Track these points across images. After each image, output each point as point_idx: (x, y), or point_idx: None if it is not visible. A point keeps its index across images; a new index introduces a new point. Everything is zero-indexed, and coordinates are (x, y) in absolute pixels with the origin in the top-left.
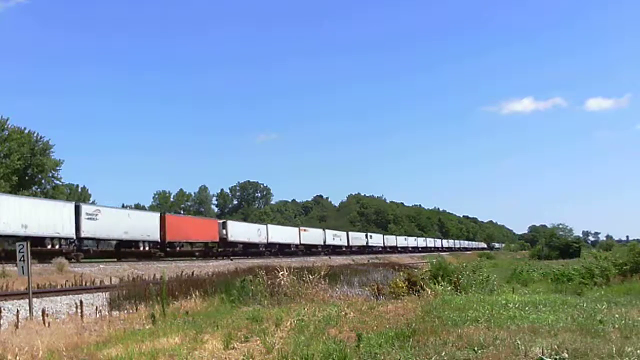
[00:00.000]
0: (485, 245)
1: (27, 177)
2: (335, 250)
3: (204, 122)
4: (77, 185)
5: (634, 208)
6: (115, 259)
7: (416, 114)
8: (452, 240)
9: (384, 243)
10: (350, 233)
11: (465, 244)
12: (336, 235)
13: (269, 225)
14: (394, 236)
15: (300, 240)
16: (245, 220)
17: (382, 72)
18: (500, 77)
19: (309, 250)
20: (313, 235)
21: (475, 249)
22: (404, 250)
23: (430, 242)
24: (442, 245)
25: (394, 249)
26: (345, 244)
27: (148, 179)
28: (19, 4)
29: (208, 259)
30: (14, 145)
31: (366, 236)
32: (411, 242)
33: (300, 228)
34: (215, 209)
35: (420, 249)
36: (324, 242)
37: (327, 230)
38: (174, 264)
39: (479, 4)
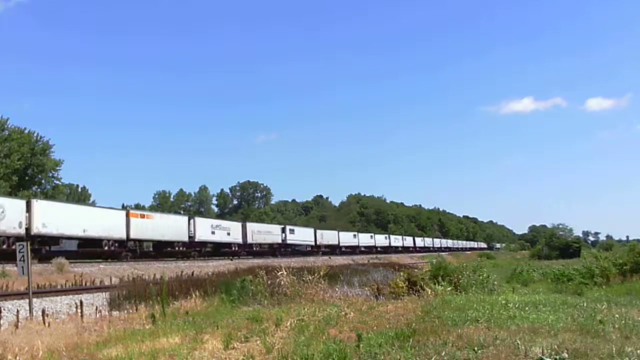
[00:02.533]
0: (485, 245)
1: (27, 177)
2: (321, 250)
3: (204, 122)
4: (77, 185)
5: (634, 208)
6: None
7: (416, 113)
8: (452, 240)
9: (374, 243)
10: (340, 233)
11: (465, 244)
12: (324, 235)
13: (248, 224)
14: (383, 235)
15: (286, 240)
16: (256, 220)
17: (382, 72)
18: (500, 77)
19: (296, 250)
20: (302, 234)
21: (475, 249)
22: (394, 250)
23: (429, 242)
24: (442, 245)
25: (387, 249)
26: (337, 243)
27: (148, 179)
28: (19, 3)
29: (183, 259)
30: (14, 145)
31: (355, 236)
32: (407, 241)
33: (287, 226)
34: (215, 209)
35: (416, 248)
36: (316, 242)
37: (318, 230)
38: (174, 264)
39: (479, 3)
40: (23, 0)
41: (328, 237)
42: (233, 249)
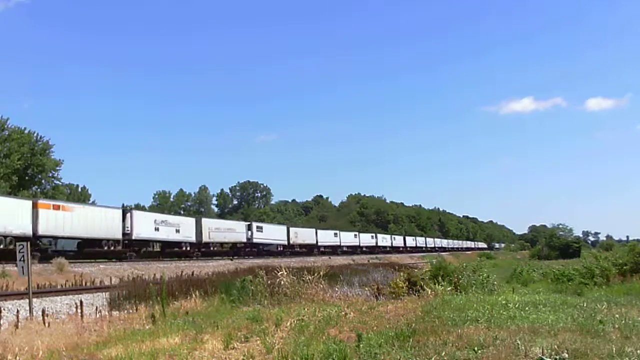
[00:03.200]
0: (485, 245)
1: (27, 177)
2: (294, 251)
3: (204, 122)
4: (77, 185)
5: (634, 208)
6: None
7: (416, 113)
8: (452, 240)
9: (359, 242)
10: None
11: (465, 244)
12: (299, 233)
13: (203, 220)
14: (369, 234)
15: (251, 239)
16: (256, 220)
17: (382, 72)
18: (500, 77)
19: (265, 250)
20: (271, 232)
21: (475, 249)
22: (382, 250)
23: (422, 242)
24: (442, 245)
25: (373, 249)
26: (314, 242)
27: (148, 179)
28: (19, 3)
29: (148, 260)
30: (14, 145)
31: (335, 235)
32: (398, 241)
33: (253, 223)
34: (216, 209)
35: (407, 248)
36: (289, 241)
37: (292, 228)
38: (174, 264)
39: (479, 3)
40: (23, 0)
41: (304, 235)
42: (184, 249)
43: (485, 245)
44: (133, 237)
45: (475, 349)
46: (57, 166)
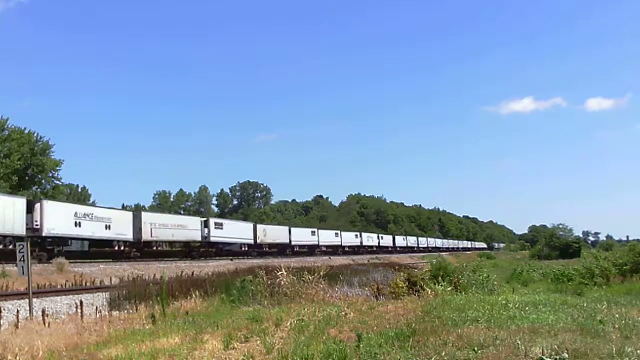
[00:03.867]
0: (486, 245)
1: (27, 177)
2: (262, 252)
3: (204, 122)
4: (77, 185)
5: (634, 208)
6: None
7: (416, 113)
8: (452, 240)
9: (340, 241)
10: (293, 229)
11: (466, 244)
12: (268, 232)
13: (143, 213)
14: (353, 233)
15: (208, 237)
16: (256, 220)
17: (382, 72)
18: (500, 77)
19: (227, 250)
20: (233, 230)
21: (475, 249)
22: (367, 250)
23: (431, 242)
24: (442, 245)
25: (358, 250)
26: (287, 241)
27: (148, 179)
28: (19, 3)
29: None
30: (14, 145)
31: (313, 233)
32: (386, 240)
33: (210, 219)
34: (216, 209)
35: (396, 248)
36: (256, 240)
37: (259, 225)
38: (174, 264)
39: (479, 3)
40: (23, 0)
41: (274, 233)
42: (117, 248)
43: (485, 245)
44: (43, 234)
45: (475, 349)
46: (57, 166)
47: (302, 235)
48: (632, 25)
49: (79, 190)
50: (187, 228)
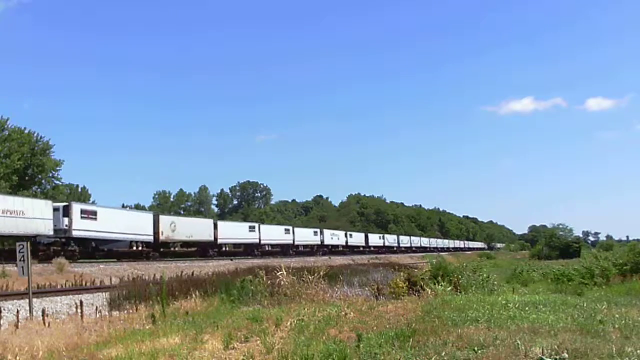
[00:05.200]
0: (486, 246)
1: (27, 177)
2: (176, 252)
3: (204, 122)
4: (77, 185)
5: (634, 208)
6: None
7: (416, 113)
8: (452, 240)
9: (320, 240)
10: (263, 226)
11: (466, 244)
12: (179, 225)
13: (75, 205)
14: (329, 231)
15: (159, 236)
16: (256, 220)
17: (382, 72)
18: (500, 77)
19: (107, 252)
20: (128, 223)
21: (475, 249)
22: (352, 251)
23: (430, 242)
24: (442, 245)
25: (346, 251)
26: (210, 239)
27: (148, 179)
28: (20, 3)
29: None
30: (14, 145)
31: (287, 231)
32: (373, 240)
33: (75, 205)
34: (216, 209)
35: (386, 248)
36: (158, 236)
37: (164, 217)
38: (173, 264)
39: (479, 3)
40: (24, 0)
41: (188, 229)
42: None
43: (485, 246)
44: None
45: (475, 349)
46: (57, 166)
47: (236, 233)
48: (632, 25)
49: (79, 190)
50: (25, 216)
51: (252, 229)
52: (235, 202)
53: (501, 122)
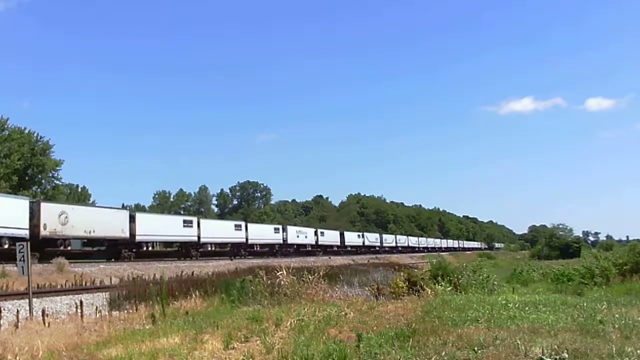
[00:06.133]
0: (486, 245)
1: (27, 177)
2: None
3: (204, 122)
4: (77, 185)
5: (634, 208)
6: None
7: (416, 113)
8: (452, 240)
9: (283, 238)
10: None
11: (465, 244)
12: (71, 217)
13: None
14: (298, 228)
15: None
16: (256, 220)
17: (382, 72)
18: (500, 77)
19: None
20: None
21: (475, 249)
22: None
23: (431, 242)
24: (442, 245)
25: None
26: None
27: (148, 179)
28: (20, 3)
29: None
30: (14, 145)
31: (238, 227)
32: (350, 238)
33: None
34: (216, 209)
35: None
36: (131, 234)
37: (47, 205)
38: (173, 264)
39: (479, 4)
40: (24, 0)
41: (84, 220)
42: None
43: (485, 245)
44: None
45: (475, 349)
46: (57, 166)
47: (158, 229)
48: (632, 25)
49: (79, 190)
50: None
51: (239, 227)
52: (235, 202)
53: (501, 122)
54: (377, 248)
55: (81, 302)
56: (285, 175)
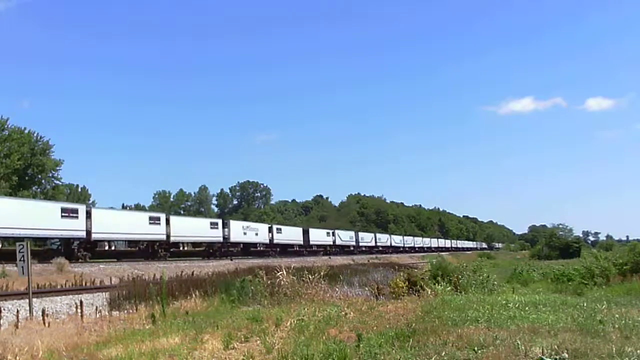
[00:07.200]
0: (486, 245)
1: (27, 177)
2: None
3: (204, 122)
4: (77, 185)
5: (634, 208)
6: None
7: (416, 114)
8: (452, 240)
9: (223, 236)
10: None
11: (465, 244)
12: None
13: None
14: (242, 223)
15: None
16: (257, 220)
17: (382, 73)
18: (500, 77)
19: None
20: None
21: (475, 249)
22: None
23: (429, 242)
24: (442, 245)
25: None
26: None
27: (148, 179)
28: (20, 3)
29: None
30: (14, 145)
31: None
32: (317, 235)
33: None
34: (215, 209)
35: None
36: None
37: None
38: (174, 264)
39: (479, 4)
40: (24, 0)
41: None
42: None
43: (485, 245)
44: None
45: (475, 349)
46: (57, 166)
47: (119, 225)
48: (632, 25)
49: (79, 190)
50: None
51: (154, 220)
52: (235, 202)
53: (501, 122)
54: (352, 248)
55: (81, 302)
56: (285, 175)
